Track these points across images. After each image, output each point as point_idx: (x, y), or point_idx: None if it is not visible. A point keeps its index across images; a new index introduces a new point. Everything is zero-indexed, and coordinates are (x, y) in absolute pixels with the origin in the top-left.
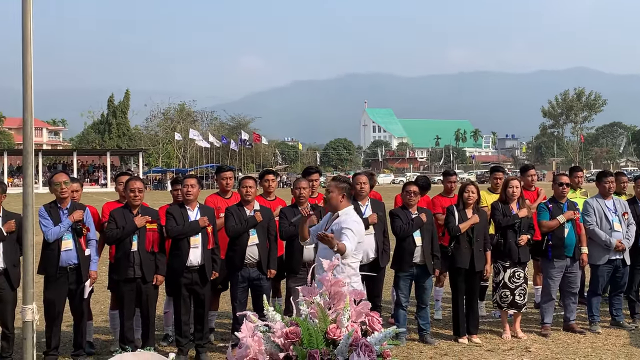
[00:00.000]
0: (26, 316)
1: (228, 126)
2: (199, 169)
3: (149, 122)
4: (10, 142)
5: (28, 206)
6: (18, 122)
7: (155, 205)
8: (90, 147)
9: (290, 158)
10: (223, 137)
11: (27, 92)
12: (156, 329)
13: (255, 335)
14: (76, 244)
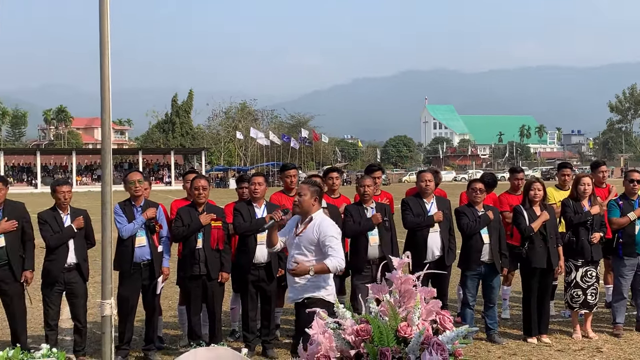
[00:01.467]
0: (104, 311)
1: (288, 124)
2: (259, 166)
3: (211, 121)
4: (78, 141)
5: (106, 204)
6: (85, 122)
7: (219, 203)
8: (154, 146)
9: (350, 156)
10: (283, 135)
11: (105, 93)
12: (223, 324)
13: (325, 332)
14: (149, 241)
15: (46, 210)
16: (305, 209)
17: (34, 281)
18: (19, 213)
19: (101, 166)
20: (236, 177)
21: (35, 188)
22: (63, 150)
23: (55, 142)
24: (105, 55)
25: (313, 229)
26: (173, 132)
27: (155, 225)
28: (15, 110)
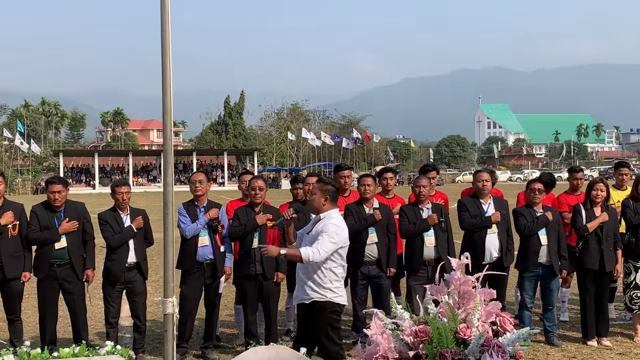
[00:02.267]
0: (167, 309)
1: (339, 125)
2: (311, 167)
3: (263, 122)
4: (134, 143)
5: (168, 204)
6: (141, 124)
7: (272, 204)
8: (208, 147)
9: (403, 156)
10: (335, 136)
11: (167, 96)
12: (278, 324)
13: (384, 332)
14: (212, 241)
15: (106, 210)
16: (315, 208)
17: (94, 280)
18: (79, 213)
19: (163, 167)
20: (289, 177)
21: (93, 189)
22: (120, 152)
23: (112, 143)
24: (167, 58)
25: (318, 228)
26: (226, 133)
27: (218, 226)
28: (74, 113)
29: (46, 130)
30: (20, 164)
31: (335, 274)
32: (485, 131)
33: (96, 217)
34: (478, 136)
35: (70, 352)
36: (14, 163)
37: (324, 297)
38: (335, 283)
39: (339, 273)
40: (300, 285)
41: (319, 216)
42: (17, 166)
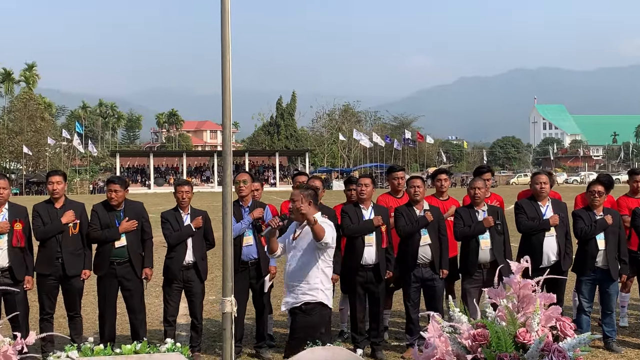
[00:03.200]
0: (225, 308)
1: (391, 126)
2: (362, 168)
3: (314, 123)
4: (188, 144)
5: (227, 204)
6: (195, 125)
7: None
8: (260, 148)
9: (455, 157)
10: (387, 137)
11: (226, 98)
12: (332, 325)
13: (441, 335)
14: (256, 240)
15: (169, 210)
16: (302, 215)
17: (152, 278)
18: (138, 213)
19: (222, 168)
20: (340, 178)
21: (149, 189)
22: (174, 153)
23: (166, 144)
24: (226, 60)
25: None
26: (278, 134)
27: (262, 225)
28: (130, 114)
29: (103, 131)
30: (78, 164)
31: (326, 275)
32: (540, 132)
33: (154, 217)
34: (533, 137)
35: (131, 349)
36: (72, 163)
37: (316, 298)
38: (326, 284)
39: (329, 274)
40: (291, 291)
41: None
42: (75, 166)
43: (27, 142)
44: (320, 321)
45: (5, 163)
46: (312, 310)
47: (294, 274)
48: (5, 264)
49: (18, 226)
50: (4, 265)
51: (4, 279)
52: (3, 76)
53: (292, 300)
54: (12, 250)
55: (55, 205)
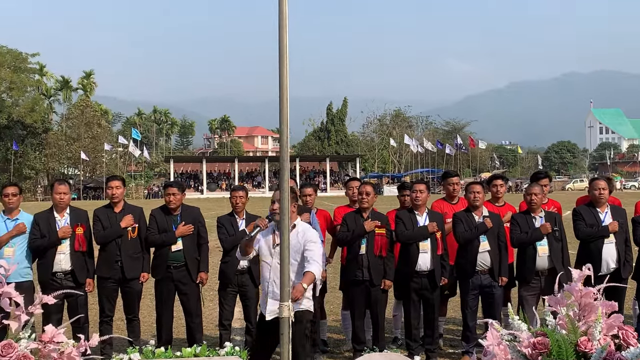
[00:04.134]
0: (283, 312)
1: (443, 130)
2: (414, 173)
3: (365, 129)
4: (240, 149)
5: (284, 210)
6: (246, 131)
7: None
8: (310, 153)
9: (509, 162)
10: (438, 142)
11: (283, 104)
12: (385, 331)
13: (500, 344)
14: None
15: (224, 214)
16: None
17: (207, 282)
18: (195, 217)
19: (280, 174)
20: (391, 184)
21: (201, 194)
22: (226, 158)
23: (219, 150)
24: (284, 66)
25: (297, 237)
26: (328, 139)
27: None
28: (184, 121)
29: (157, 137)
30: (134, 170)
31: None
32: (597, 137)
33: (208, 222)
34: (589, 142)
35: (191, 352)
36: (127, 169)
37: (303, 306)
38: (310, 291)
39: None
40: (275, 299)
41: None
42: (130, 171)
43: (85, 148)
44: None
45: (63, 169)
46: (299, 318)
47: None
48: (68, 268)
49: (79, 230)
50: (66, 268)
51: (66, 282)
52: (61, 84)
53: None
54: (74, 254)
55: (114, 209)
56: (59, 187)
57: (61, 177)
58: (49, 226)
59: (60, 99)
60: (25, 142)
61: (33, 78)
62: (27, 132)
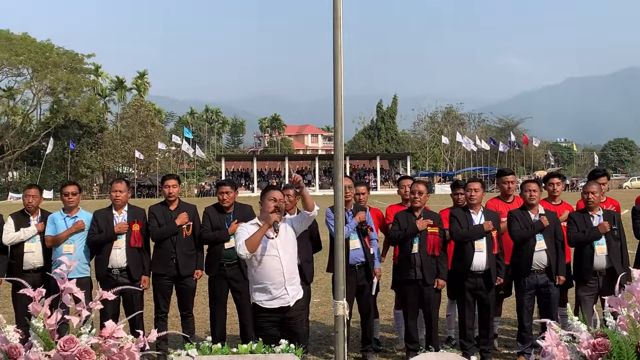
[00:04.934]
0: (337, 311)
1: (496, 128)
2: (466, 171)
3: (416, 126)
4: (290, 148)
5: (339, 208)
6: (296, 130)
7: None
8: (361, 151)
9: (564, 160)
10: (491, 139)
11: (338, 102)
12: (439, 331)
13: (560, 344)
14: (362, 243)
15: None
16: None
17: None
18: (247, 215)
19: (334, 172)
20: (442, 182)
21: (252, 192)
22: (277, 157)
23: (269, 148)
24: (338, 64)
25: (286, 227)
26: (378, 137)
27: (367, 228)
28: (235, 119)
29: (209, 136)
30: (186, 168)
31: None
32: None
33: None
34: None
35: (247, 349)
36: (180, 167)
37: (300, 295)
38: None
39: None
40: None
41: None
42: (183, 170)
43: (139, 147)
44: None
45: (118, 167)
46: (301, 305)
47: (291, 267)
48: (124, 264)
49: (136, 227)
50: (122, 265)
51: (121, 279)
52: (116, 84)
53: (295, 292)
54: (130, 250)
55: (170, 207)
56: (117, 185)
57: (116, 175)
58: (107, 222)
59: (115, 98)
60: (81, 142)
61: (89, 78)
62: (83, 132)
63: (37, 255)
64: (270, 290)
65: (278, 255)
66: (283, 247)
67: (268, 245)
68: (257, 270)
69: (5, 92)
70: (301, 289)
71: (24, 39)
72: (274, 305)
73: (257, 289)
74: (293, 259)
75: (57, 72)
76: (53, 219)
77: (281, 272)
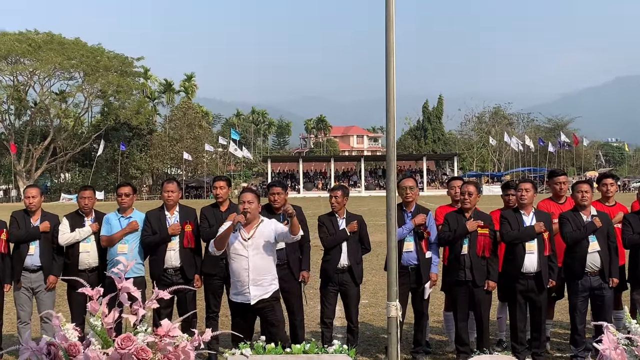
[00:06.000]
0: (390, 312)
1: (545, 128)
2: (514, 172)
3: (463, 127)
4: (335, 149)
5: (391, 210)
6: (342, 131)
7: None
8: (407, 152)
9: (616, 160)
10: (540, 140)
11: (390, 103)
12: (489, 333)
13: (617, 348)
14: (417, 246)
15: (325, 214)
16: (254, 215)
17: (309, 280)
18: (297, 216)
19: (386, 173)
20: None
21: (298, 193)
22: (322, 158)
23: (314, 149)
24: (391, 65)
25: (267, 229)
26: (425, 138)
27: (424, 232)
28: (280, 121)
29: (255, 138)
30: (233, 169)
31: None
32: None
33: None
34: None
35: (300, 349)
36: (227, 168)
37: (276, 286)
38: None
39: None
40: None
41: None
42: (229, 171)
43: (187, 148)
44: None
45: (167, 169)
46: (274, 298)
47: (258, 269)
48: (178, 264)
49: (188, 228)
50: (176, 265)
51: (176, 278)
52: (165, 87)
53: (260, 294)
54: (183, 250)
55: (220, 208)
56: (168, 186)
57: (165, 176)
58: (159, 223)
59: (163, 101)
60: (131, 143)
61: (138, 81)
62: (132, 134)
63: (92, 255)
64: (236, 285)
65: (247, 256)
66: (254, 248)
67: (239, 245)
68: (230, 266)
69: (58, 95)
70: (273, 288)
71: (75, 44)
72: (237, 299)
73: (232, 282)
74: (265, 262)
75: (108, 76)
76: (108, 220)
77: (247, 272)
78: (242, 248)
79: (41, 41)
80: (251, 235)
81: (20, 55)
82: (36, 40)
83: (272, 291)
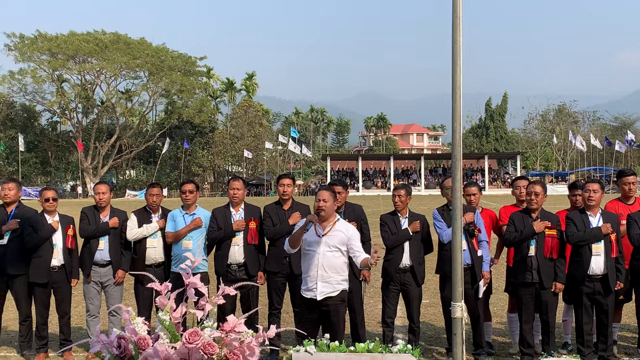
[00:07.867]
0: (455, 313)
1: (611, 126)
2: (579, 171)
3: (526, 125)
4: (395, 147)
5: (457, 209)
6: (401, 129)
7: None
8: (468, 150)
9: None
10: (606, 139)
11: (456, 102)
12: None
13: None
14: (469, 245)
15: (387, 213)
16: (329, 213)
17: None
18: (357, 215)
19: (452, 173)
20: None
21: (357, 191)
22: (382, 156)
23: (374, 148)
24: (457, 65)
25: (341, 229)
26: (487, 136)
27: (475, 230)
28: (339, 119)
29: (314, 136)
30: (292, 167)
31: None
32: None
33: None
34: None
35: (364, 348)
36: (286, 166)
37: (347, 285)
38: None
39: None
40: (324, 282)
41: (338, 218)
42: (289, 169)
43: (248, 146)
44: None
45: (228, 166)
46: (344, 298)
47: (327, 266)
48: (241, 260)
49: (252, 225)
50: (240, 261)
51: (239, 274)
52: (226, 85)
53: (328, 290)
54: (247, 247)
55: (283, 207)
56: (234, 183)
57: (226, 174)
58: (225, 219)
59: (225, 100)
60: (193, 141)
61: (201, 81)
62: (195, 132)
63: (159, 250)
64: (307, 281)
65: (318, 252)
66: (326, 245)
67: (312, 241)
68: (302, 261)
69: (124, 94)
70: (341, 288)
71: (141, 44)
72: (306, 295)
73: (303, 277)
74: (334, 260)
75: (172, 75)
76: (173, 216)
77: (316, 268)
78: (315, 244)
79: (108, 41)
80: (326, 232)
81: (87, 55)
82: (103, 40)
83: (340, 290)
